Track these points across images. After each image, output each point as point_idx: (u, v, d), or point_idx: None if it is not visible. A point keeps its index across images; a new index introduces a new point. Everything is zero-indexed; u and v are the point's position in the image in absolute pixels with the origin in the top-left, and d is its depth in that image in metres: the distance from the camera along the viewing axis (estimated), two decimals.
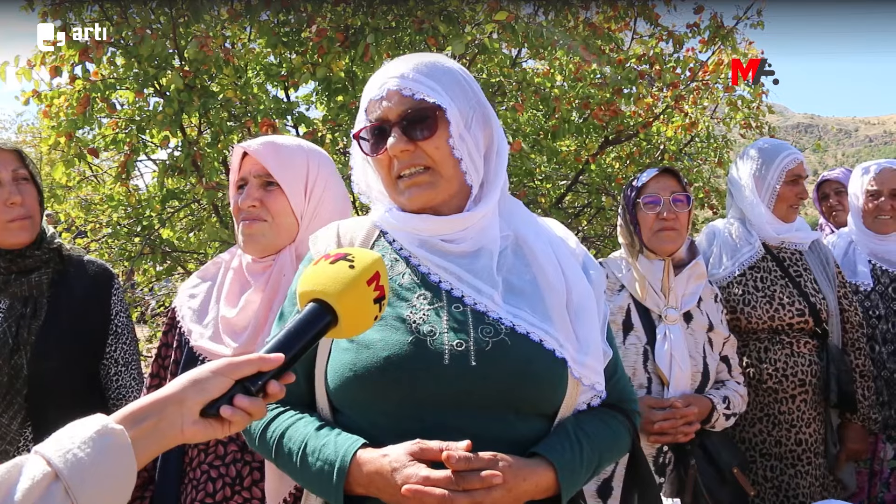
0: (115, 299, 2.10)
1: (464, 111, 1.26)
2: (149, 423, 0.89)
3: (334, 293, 1.01)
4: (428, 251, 1.26)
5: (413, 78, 1.23)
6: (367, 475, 1.09)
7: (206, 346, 1.68)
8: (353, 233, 1.35)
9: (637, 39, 5.37)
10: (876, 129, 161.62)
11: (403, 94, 1.22)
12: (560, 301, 1.23)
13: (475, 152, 1.27)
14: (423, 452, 1.07)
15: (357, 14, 3.80)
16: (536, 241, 1.30)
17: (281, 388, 0.96)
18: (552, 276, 1.25)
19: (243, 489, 1.62)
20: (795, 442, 2.35)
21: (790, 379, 2.35)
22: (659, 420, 2.03)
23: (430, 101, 1.21)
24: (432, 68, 1.26)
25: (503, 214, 1.33)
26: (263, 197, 1.68)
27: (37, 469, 0.78)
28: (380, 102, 1.24)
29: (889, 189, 2.67)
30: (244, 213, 1.69)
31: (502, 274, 1.24)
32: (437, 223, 1.26)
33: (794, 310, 2.37)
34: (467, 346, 1.16)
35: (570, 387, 1.21)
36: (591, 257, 1.38)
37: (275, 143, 1.73)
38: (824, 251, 2.53)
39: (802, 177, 2.46)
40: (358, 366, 1.16)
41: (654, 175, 2.22)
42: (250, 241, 1.69)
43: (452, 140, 1.23)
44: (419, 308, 1.20)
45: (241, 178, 1.73)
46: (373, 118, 1.26)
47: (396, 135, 1.22)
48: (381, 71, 1.29)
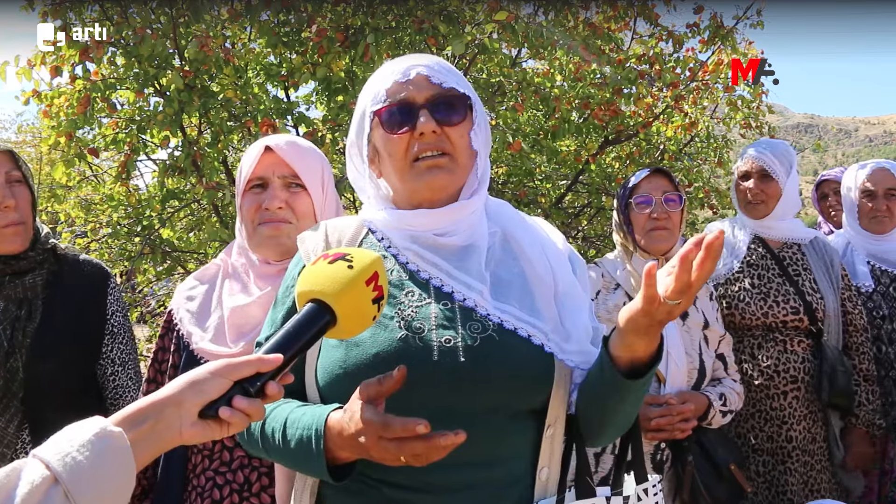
0: (111, 298, 2.08)
1: (479, 111, 1.31)
2: (147, 424, 0.88)
3: (333, 293, 1.00)
4: (420, 247, 1.26)
5: (440, 70, 1.27)
6: (337, 435, 1.09)
7: (209, 349, 1.65)
8: (340, 231, 1.35)
9: (637, 39, 5.37)
10: (876, 129, 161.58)
11: (432, 80, 1.26)
12: (548, 292, 1.25)
13: (483, 151, 1.32)
14: (365, 388, 1.06)
15: (357, 14, 3.80)
16: (524, 235, 1.32)
17: (279, 388, 0.96)
18: (540, 268, 1.27)
19: (252, 495, 1.58)
20: (786, 439, 2.37)
21: (781, 375, 2.37)
22: (656, 417, 2.04)
23: (461, 91, 1.27)
24: (452, 68, 1.32)
25: (490, 213, 1.35)
26: (289, 198, 1.63)
27: (36, 473, 0.78)
28: (406, 85, 1.26)
29: (884, 189, 2.67)
30: (270, 213, 1.63)
31: (490, 268, 1.26)
32: (431, 216, 1.27)
33: (789, 307, 2.38)
34: (455, 342, 1.17)
35: (557, 380, 1.22)
36: (575, 253, 1.40)
37: (297, 143, 1.69)
38: (829, 252, 2.53)
39: (750, 173, 2.53)
40: (348, 363, 1.17)
41: (645, 175, 2.24)
42: (272, 243, 1.64)
43: (474, 131, 1.28)
44: (408, 305, 1.21)
45: (259, 177, 1.65)
46: (395, 99, 1.27)
47: (427, 115, 1.24)
48: (399, 60, 1.31)
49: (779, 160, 2.47)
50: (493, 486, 1.16)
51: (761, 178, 2.50)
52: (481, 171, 1.34)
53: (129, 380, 2.07)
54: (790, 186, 2.50)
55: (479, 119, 1.30)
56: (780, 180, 2.47)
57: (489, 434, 1.16)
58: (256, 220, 1.65)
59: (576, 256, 1.39)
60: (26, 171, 1.98)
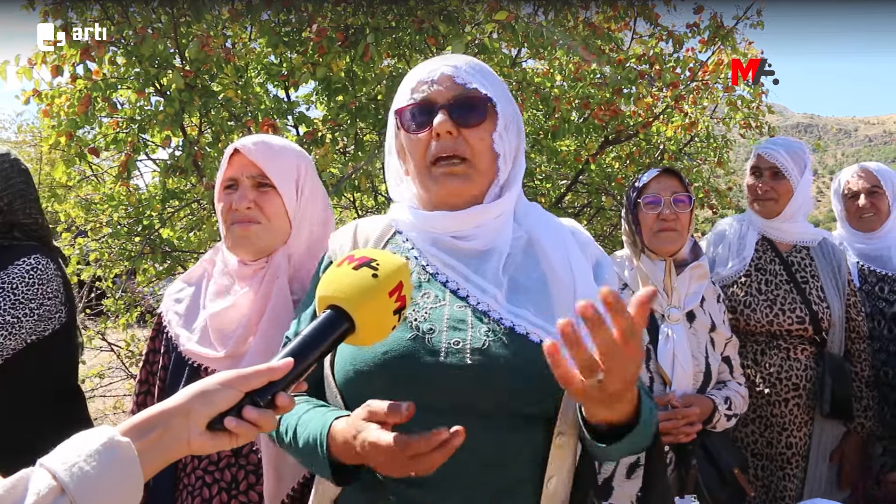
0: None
1: (506, 113, 1.29)
2: (155, 434, 0.88)
3: (355, 302, 0.97)
4: (439, 249, 1.27)
5: (466, 70, 1.26)
6: (342, 444, 1.09)
7: (195, 350, 1.66)
8: (368, 231, 1.36)
9: (637, 39, 5.36)
10: (875, 128, 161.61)
11: (456, 81, 1.25)
12: (567, 298, 1.23)
13: (509, 154, 1.30)
14: (371, 415, 1.05)
15: (357, 14, 3.80)
16: (549, 240, 1.30)
17: (290, 400, 0.94)
18: (561, 273, 1.25)
19: (240, 493, 1.60)
20: (786, 445, 2.36)
21: (784, 383, 2.36)
22: (661, 420, 2.03)
23: (483, 92, 1.25)
24: (483, 68, 1.30)
25: (518, 216, 1.34)
26: (258, 198, 1.64)
27: (42, 483, 0.77)
28: (430, 84, 1.26)
29: (864, 188, 2.70)
30: (238, 214, 1.64)
31: (509, 273, 1.25)
32: (452, 219, 1.26)
33: (795, 317, 2.36)
34: (464, 343, 1.17)
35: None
36: (606, 258, 1.37)
37: (268, 143, 1.69)
38: (837, 256, 2.50)
39: (762, 168, 2.50)
40: (358, 360, 1.18)
41: (655, 175, 2.22)
42: (244, 243, 1.65)
43: (497, 134, 1.26)
44: (422, 306, 1.21)
45: (230, 178, 1.67)
46: (418, 97, 1.27)
47: (443, 115, 1.23)
48: (433, 59, 1.31)
49: (792, 159, 2.43)
50: (494, 488, 1.16)
51: (773, 175, 2.46)
52: (508, 175, 1.32)
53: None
54: (803, 187, 2.46)
55: (506, 121, 1.28)
56: (792, 179, 2.43)
57: (493, 436, 1.16)
58: (229, 220, 1.67)
59: (606, 262, 1.36)
60: None
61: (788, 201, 2.45)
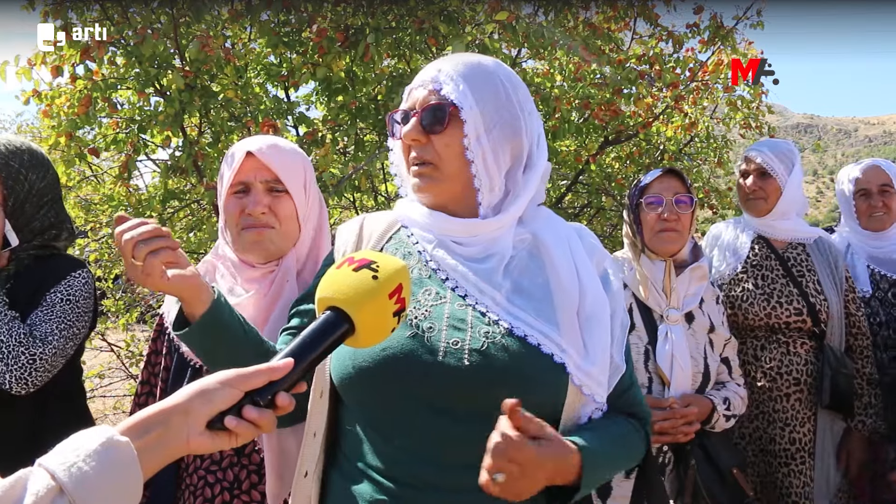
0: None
1: (488, 115, 1.25)
2: (154, 433, 0.87)
3: (354, 304, 0.98)
4: (441, 247, 1.27)
5: (447, 73, 1.25)
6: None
7: None
8: (373, 226, 1.37)
9: (637, 39, 5.36)
10: (875, 129, 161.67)
11: (434, 86, 1.25)
12: (571, 306, 1.22)
13: (490, 158, 1.25)
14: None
15: (357, 14, 3.80)
16: (555, 244, 1.28)
17: (290, 400, 0.94)
18: (566, 280, 1.23)
19: (242, 492, 1.61)
20: (789, 441, 2.37)
21: (784, 377, 2.37)
22: (659, 420, 2.03)
23: (450, 98, 1.23)
24: (470, 68, 1.26)
25: (524, 219, 1.32)
26: (272, 203, 1.63)
27: (41, 483, 0.77)
28: (416, 89, 1.29)
29: (877, 186, 2.68)
30: (252, 219, 1.63)
31: (512, 275, 1.24)
32: (451, 224, 1.27)
33: (792, 309, 2.38)
34: (462, 343, 1.16)
35: (570, 395, 1.19)
36: (613, 265, 1.35)
37: (279, 146, 1.68)
38: (834, 253, 2.52)
39: (749, 170, 2.55)
40: (357, 357, 1.17)
41: (658, 175, 2.22)
42: (257, 248, 1.64)
43: (467, 140, 1.23)
44: (423, 304, 1.21)
45: (242, 182, 1.65)
46: (406, 104, 1.30)
47: (413, 122, 1.25)
48: (434, 62, 1.33)
49: (778, 158, 2.48)
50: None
51: (759, 175, 2.51)
52: (512, 186, 1.29)
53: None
54: (792, 185, 2.49)
55: (486, 126, 1.24)
56: (779, 178, 2.48)
57: (488, 437, 1.15)
58: (240, 224, 1.65)
59: (613, 268, 1.34)
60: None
61: (778, 199, 2.49)
